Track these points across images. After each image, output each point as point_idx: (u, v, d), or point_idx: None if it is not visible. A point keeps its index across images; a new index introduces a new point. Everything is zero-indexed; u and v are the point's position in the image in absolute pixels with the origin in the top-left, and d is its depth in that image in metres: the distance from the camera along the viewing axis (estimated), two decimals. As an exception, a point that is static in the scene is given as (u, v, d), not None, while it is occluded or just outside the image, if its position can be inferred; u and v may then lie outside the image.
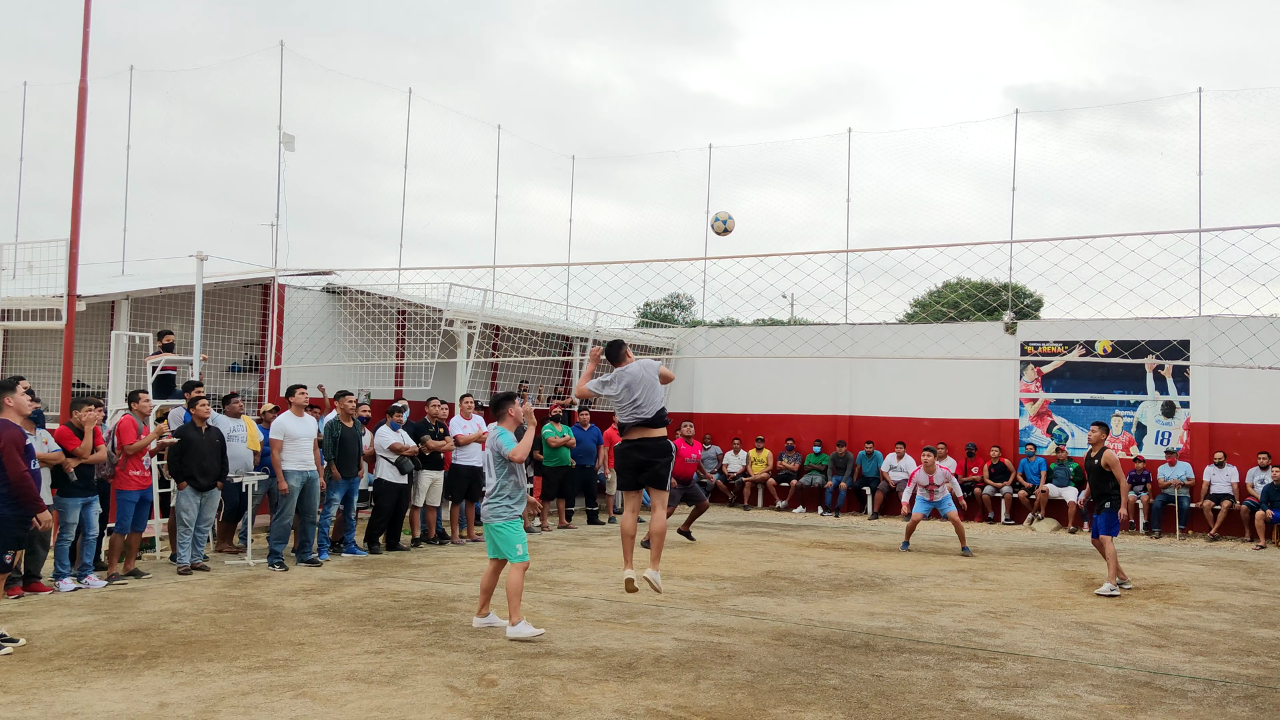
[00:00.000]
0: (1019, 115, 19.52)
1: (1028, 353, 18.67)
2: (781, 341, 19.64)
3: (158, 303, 14.78)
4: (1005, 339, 18.81)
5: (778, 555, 13.16)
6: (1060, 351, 18.43)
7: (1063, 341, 18.45)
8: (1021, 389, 18.81)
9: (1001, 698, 6.44)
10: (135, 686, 6.26)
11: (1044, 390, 18.64)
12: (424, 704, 5.99)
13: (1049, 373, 18.62)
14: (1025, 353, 18.66)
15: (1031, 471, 18.03)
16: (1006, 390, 18.85)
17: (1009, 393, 18.85)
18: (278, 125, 17.08)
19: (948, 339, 17.97)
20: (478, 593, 9.74)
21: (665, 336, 23.02)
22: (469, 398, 14.31)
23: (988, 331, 18.85)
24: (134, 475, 10.38)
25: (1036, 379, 18.71)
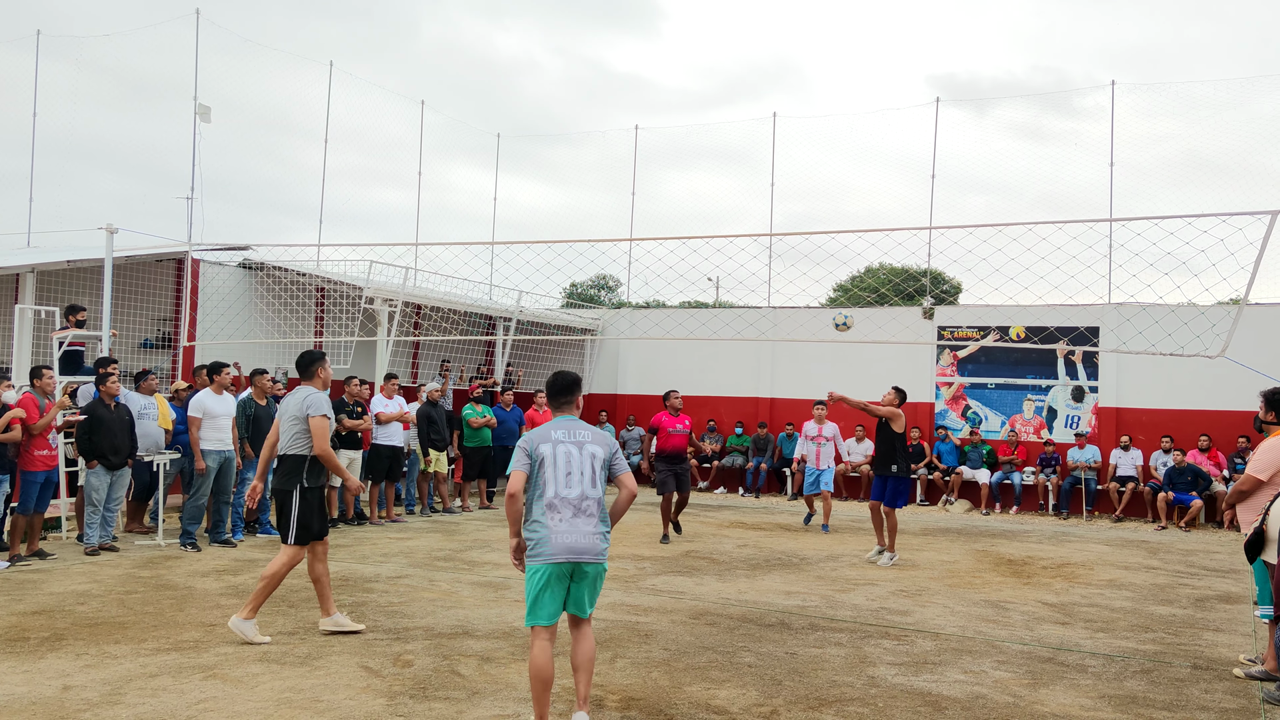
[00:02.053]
0: (940, 103, 19.85)
1: (944, 337, 19.05)
2: (704, 324, 19.76)
3: (65, 276, 14.31)
4: (923, 324, 19.16)
5: (697, 535, 13.28)
6: (975, 337, 18.84)
7: (978, 327, 18.86)
8: (938, 373, 19.19)
9: (911, 674, 6.59)
10: (38, 669, 6.10)
11: (960, 374, 19.05)
12: (338, 684, 5.94)
13: (964, 357, 19.03)
14: (942, 337, 19.04)
15: (946, 453, 18.42)
16: (924, 374, 19.22)
17: (926, 376, 19.22)
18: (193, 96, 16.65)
19: (866, 323, 18.27)
20: (394, 573, 9.68)
21: (590, 318, 23.00)
22: (394, 378, 14.15)
23: (905, 316, 19.19)
24: (39, 455, 10.07)
25: (952, 363, 19.11)
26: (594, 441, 5.22)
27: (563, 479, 5.07)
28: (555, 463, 5.09)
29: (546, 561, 5.01)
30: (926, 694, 6.14)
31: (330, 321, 16.91)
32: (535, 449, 5.11)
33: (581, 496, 5.09)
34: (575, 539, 5.02)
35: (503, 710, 5.54)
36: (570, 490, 5.07)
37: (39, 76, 18.86)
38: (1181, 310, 14.64)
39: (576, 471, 5.10)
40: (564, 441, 5.15)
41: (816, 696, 6.01)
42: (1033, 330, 18.03)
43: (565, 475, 5.08)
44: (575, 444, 5.16)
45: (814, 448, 14.64)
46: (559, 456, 5.09)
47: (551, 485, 5.07)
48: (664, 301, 23.80)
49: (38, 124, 18.89)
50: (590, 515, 5.10)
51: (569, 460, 5.10)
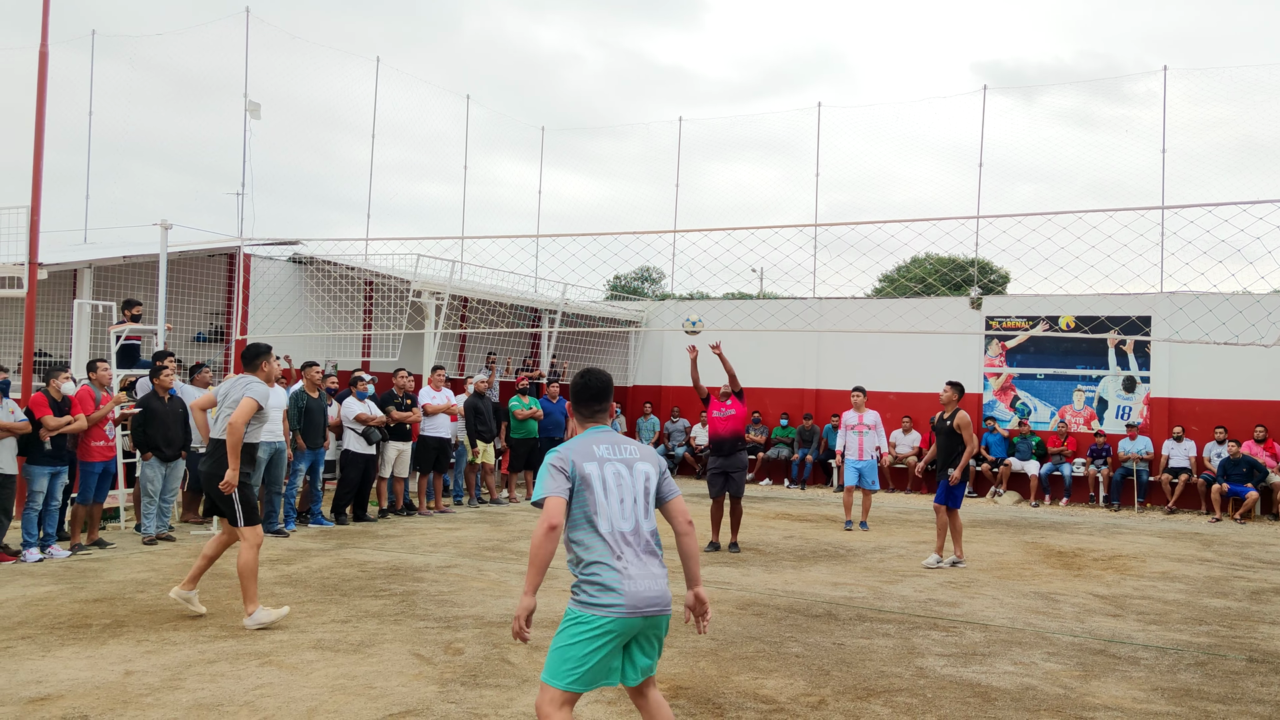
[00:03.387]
0: (987, 91, 19.64)
1: (992, 327, 18.86)
2: (749, 315, 19.72)
3: (121, 271, 14.61)
4: (970, 314, 19.00)
5: (744, 526, 13.26)
6: (1024, 326, 18.64)
7: (1027, 317, 18.65)
8: (986, 363, 19.01)
9: (959, 665, 6.57)
10: (100, 655, 6.26)
11: (1008, 364, 18.86)
12: (390, 671, 6.04)
13: (1013, 347, 18.84)
14: (990, 327, 18.86)
15: (994, 445, 18.26)
16: (971, 364, 19.05)
17: (974, 367, 19.05)
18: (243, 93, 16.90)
19: (913, 313, 18.14)
20: (443, 563, 9.80)
21: (634, 310, 23.04)
22: (441, 370, 14.30)
23: (953, 306, 19.02)
24: (97, 446, 10.30)
25: (1001, 353, 18.92)
26: (643, 459, 4.19)
27: (616, 508, 4.01)
28: (605, 486, 4.02)
29: (615, 615, 3.87)
30: (976, 685, 6.12)
31: (379, 314, 17.09)
32: (576, 467, 4.02)
33: (638, 529, 4.05)
34: (649, 585, 3.95)
35: (552, 698, 5.60)
36: (625, 522, 4.02)
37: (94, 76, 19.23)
38: (1236, 298, 14.39)
39: (630, 498, 4.05)
40: (611, 459, 4.10)
41: (864, 686, 6.02)
42: (1083, 319, 17.81)
43: (619, 503, 4.02)
44: (624, 462, 4.12)
45: (855, 438, 13.85)
46: (608, 478, 4.03)
47: (604, 517, 3.99)
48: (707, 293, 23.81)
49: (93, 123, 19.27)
50: (656, 555, 4.06)
51: (620, 483, 4.05)
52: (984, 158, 19.49)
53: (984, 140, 19.50)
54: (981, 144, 19.44)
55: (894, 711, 5.57)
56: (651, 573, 3.98)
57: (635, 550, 3.99)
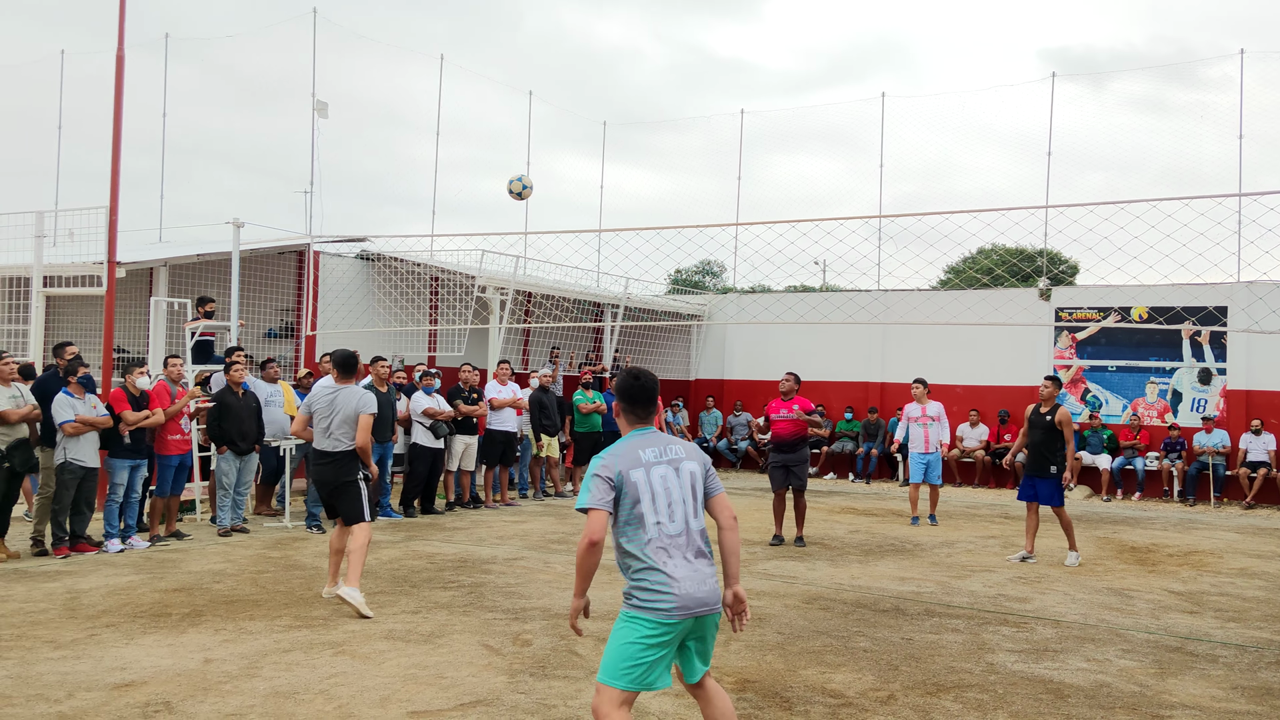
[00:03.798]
0: (1055, 78, 19.27)
1: (1062, 319, 18.52)
2: (814, 308, 19.57)
3: (195, 269, 14.95)
4: (1039, 305, 18.67)
5: (809, 521, 13.20)
6: (1095, 318, 18.28)
7: (1098, 308, 18.28)
8: (1055, 356, 18.68)
9: (1031, 661, 6.48)
10: (180, 643, 6.43)
11: (1078, 357, 18.51)
12: (460, 662, 6.12)
13: (1084, 339, 18.48)
14: (1059, 319, 18.52)
15: (1064, 439, 17.92)
16: (1040, 357, 18.72)
17: (1043, 360, 18.72)
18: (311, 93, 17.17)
19: (981, 305, 17.86)
20: (510, 555, 9.90)
21: (696, 303, 23.02)
22: (506, 364, 14.43)
23: (1022, 298, 18.71)
24: (173, 439, 10.55)
25: (1071, 346, 18.58)
26: (689, 458, 4.19)
27: (664, 511, 4.04)
28: (652, 491, 4.04)
29: (666, 618, 3.93)
30: (1048, 681, 6.03)
31: (444, 310, 17.28)
32: (623, 475, 4.04)
33: (686, 530, 4.06)
34: (697, 587, 3.99)
35: (620, 689, 5.63)
36: (673, 525, 4.04)
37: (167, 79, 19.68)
38: (1318, 288, 13.95)
39: (678, 500, 4.07)
40: (657, 463, 4.09)
41: (934, 682, 5.96)
42: (1156, 310, 17.40)
43: (666, 506, 4.05)
44: (670, 464, 4.11)
45: (919, 430, 13.49)
46: (654, 482, 4.06)
47: (652, 522, 4.02)
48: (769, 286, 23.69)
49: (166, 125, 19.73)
50: (705, 555, 4.09)
51: (667, 487, 4.07)
52: (1052, 146, 19.12)
53: (1053, 128, 19.15)
54: (1050, 132, 19.08)
55: (965, 707, 5.51)
56: (700, 573, 4.02)
57: (683, 552, 4.03)
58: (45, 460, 9.68)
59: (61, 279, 13.15)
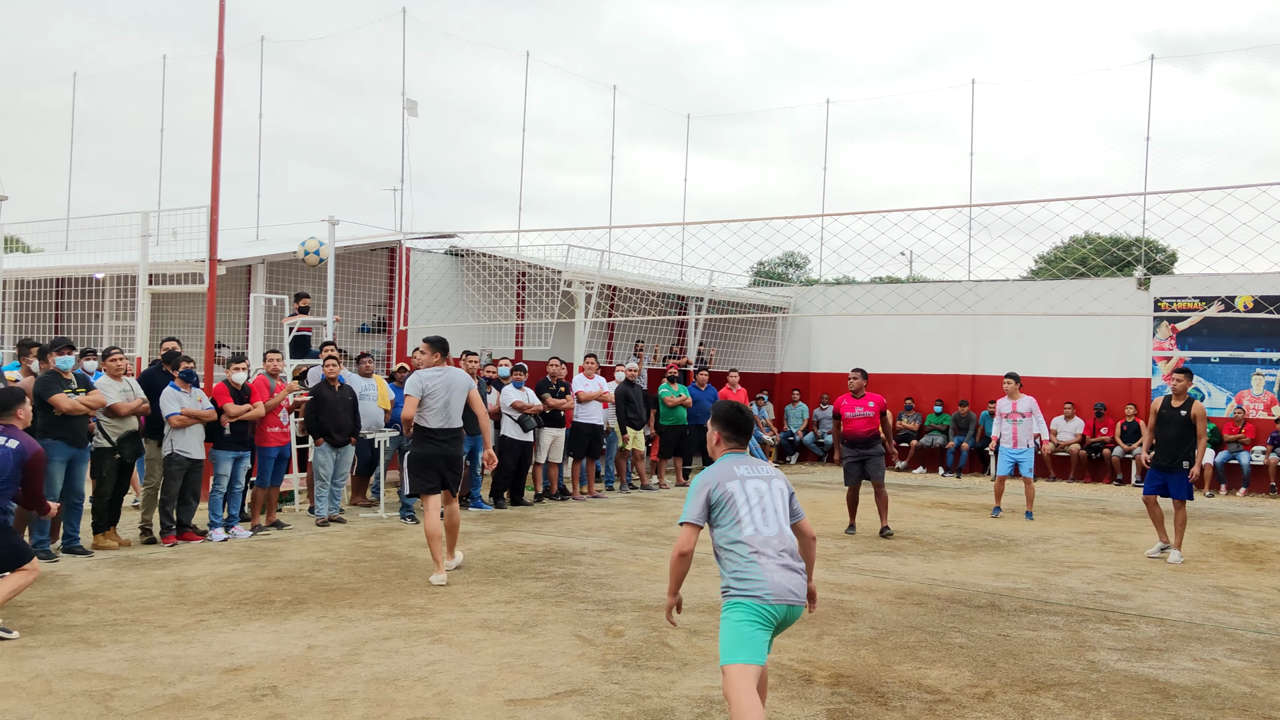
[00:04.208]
0: (1154, 61, 18.69)
1: (1161, 309, 17.98)
2: (905, 299, 19.30)
3: (291, 266, 15.33)
4: (1138, 295, 18.16)
5: (898, 515, 13.05)
6: (1197, 308, 17.70)
7: (1200, 297, 17.69)
8: (1155, 347, 18.15)
9: (1135, 660, 6.32)
10: (284, 630, 6.62)
11: (1179, 348, 17.95)
12: (554, 651, 6.19)
13: (1185, 330, 17.92)
14: (1159, 309, 17.98)
15: (1164, 432, 17.41)
16: (1139, 349, 18.21)
17: (1141, 351, 18.21)
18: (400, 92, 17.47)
19: (1079, 295, 17.40)
20: (599, 547, 9.98)
21: (781, 296, 22.88)
22: (592, 358, 14.53)
23: (1119, 288, 18.21)
24: (272, 432, 10.84)
25: (1171, 337, 18.03)
26: (778, 477, 4.61)
27: (759, 515, 4.41)
28: (748, 499, 4.44)
29: (762, 603, 4.27)
30: (1153, 680, 5.88)
31: (531, 304, 17.46)
32: (721, 488, 4.44)
33: (780, 534, 4.41)
34: (789, 578, 4.33)
35: (713, 682, 5.64)
36: (768, 528, 4.40)
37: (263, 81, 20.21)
38: None
39: (771, 508, 4.45)
40: (751, 477, 4.52)
41: (1033, 679, 5.85)
42: (1264, 299, 16.77)
43: (761, 513, 4.41)
44: (763, 479, 4.53)
45: (1009, 426, 13.26)
46: (750, 493, 4.46)
47: (748, 523, 4.38)
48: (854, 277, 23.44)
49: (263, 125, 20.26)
50: (794, 555, 4.44)
51: (760, 496, 4.46)
52: (1150, 131, 18.57)
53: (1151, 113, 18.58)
54: (1149, 117, 18.52)
55: (1066, 705, 5.40)
56: (790, 569, 4.37)
57: (776, 550, 4.37)
58: (152, 452, 10.04)
59: (165, 277, 13.60)
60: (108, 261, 14.24)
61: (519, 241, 18.04)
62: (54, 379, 8.87)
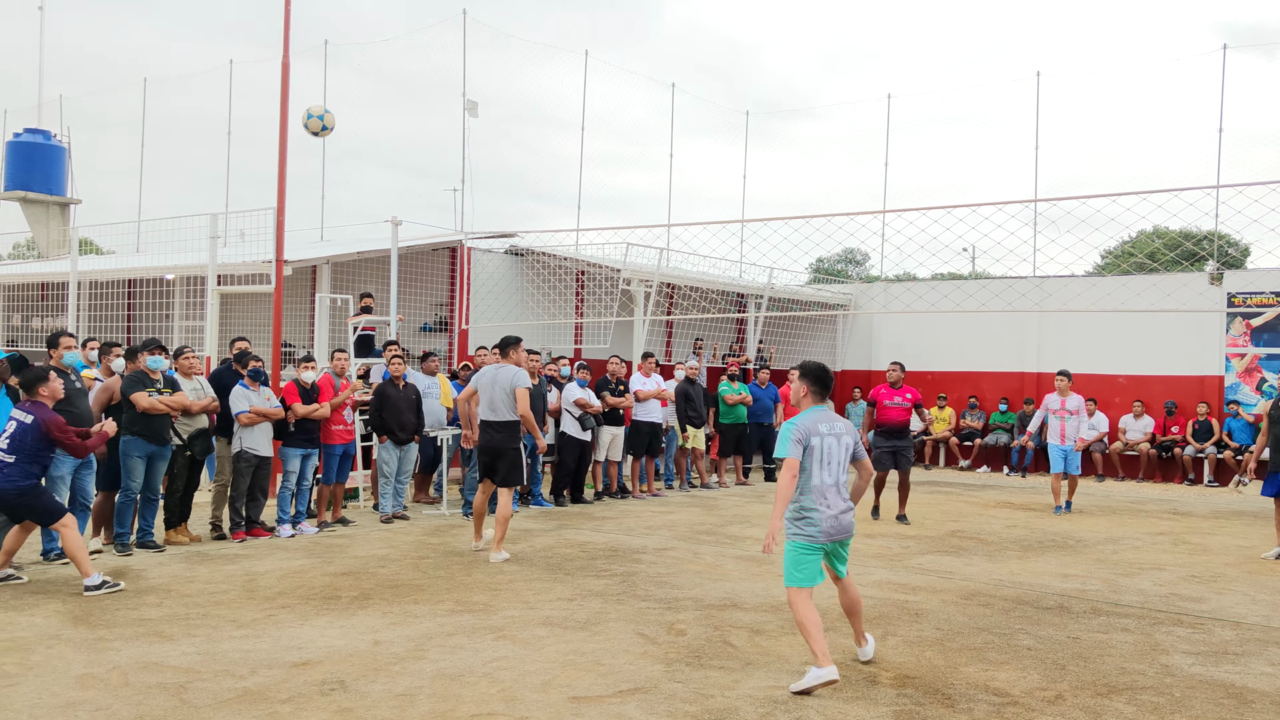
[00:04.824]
0: (1226, 50, 18.22)
1: (1235, 304, 17.53)
2: (969, 295, 19.01)
3: (354, 266, 15.54)
4: (1210, 290, 17.73)
5: (962, 515, 12.89)
6: (1272, 303, 17.21)
7: (1276, 292, 17.20)
8: (1228, 343, 17.69)
9: (1210, 664, 6.16)
10: (351, 625, 6.71)
11: (1253, 344, 17.48)
12: (617, 649, 6.20)
13: (1259, 326, 17.44)
14: (1232, 304, 17.53)
15: (1238, 430, 16.98)
16: (1211, 345, 17.77)
17: (1213, 348, 17.76)
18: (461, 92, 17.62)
19: (1150, 290, 17.01)
20: (659, 545, 9.98)
21: (842, 293, 22.69)
22: (651, 356, 14.52)
23: (1191, 283, 17.77)
24: (337, 429, 10.99)
25: (1245, 332, 17.56)
26: (846, 433, 5.96)
27: (826, 469, 5.78)
28: (823, 454, 5.77)
29: (815, 542, 5.73)
30: (1230, 685, 5.73)
31: (591, 302, 17.51)
32: (809, 437, 5.75)
33: (838, 483, 5.83)
34: (840, 519, 5.80)
35: (777, 682, 5.62)
36: (830, 477, 5.78)
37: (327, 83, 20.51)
38: None
39: (835, 462, 5.82)
40: (827, 435, 5.82)
41: (1105, 683, 5.74)
42: (1342, 295, 16.29)
43: (828, 465, 5.78)
44: (834, 436, 5.86)
45: (1056, 422, 13.28)
46: (824, 449, 5.78)
47: (819, 474, 5.75)
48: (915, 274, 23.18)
49: (326, 128, 20.53)
50: (846, 499, 5.89)
51: (829, 452, 5.80)
52: (1223, 122, 18.10)
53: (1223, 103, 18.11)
54: (1221, 107, 18.06)
55: (1139, 710, 5.29)
56: (842, 509, 5.84)
57: (835, 495, 5.82)
58: (221, 449, 10.24)
59: (233, 277, 13.86)
60: (178, 263, 14.55)
61: (578, 240, 18.10)
62: (140, 378, 9.12)
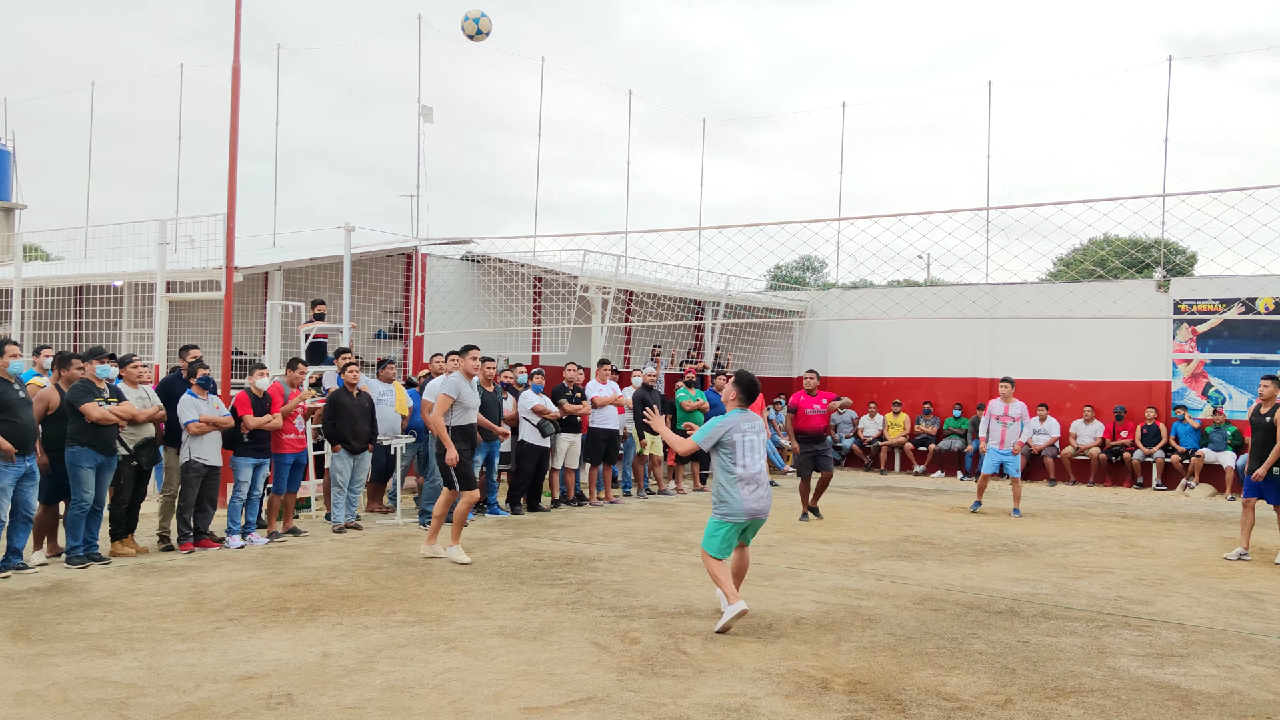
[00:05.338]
0: (1172, 61, 18.56)
1: (1181, 311, 17.84)
2: (921, 303, 19.20)
3: (307, 273, 15.39)
4: (1157, 297, 18.03)
5: (916, 520, 12.99)
6: (1218, 310, 17.55)
7: (1220, 299, 17.55)
8: (1175, 349, 18.00)
9: (1156, 666, 6.25)
10: (300, 637, 6.62)
11: (1199, 350, 17.80)
12: (570, 659, 6.17)
13: (1205, 332, 17.77)
14: (1179, 311, 17.84)
15: (1185, 435, 17.28)
16: (1158, 351, 18.07)
17: (1161, 354, 18.07)
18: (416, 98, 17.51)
19: (1098, 298, 17.29)
20: (615, 553, 9.98)
21: (798, 300, 22.81)
22: (607, 363, 14.50)
23: (1138, 290, 18.08)
24: (287, 438, 10.84)
25: (1191, 339, 17.88)
26: (762, 431, 7.25)
27: (750, 459, 7.05)
28: (745, 447, 7.04)
29: (735, 520, 7.04)
30: (1175, 687, 5.81)
31: (548, 310, 17.46)
32: (730, 434, 7.04)
33: (759, 471, 7.06)
34: (758, 503, 7.07)
35: (730, 689, 5.61)
36: (754, 468, 7.05)
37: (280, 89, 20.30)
38: None
39: (757, 455, 7.08)
40: (748, 432, 7.08)
41: (1053, 686, 5.79)
42: (1284, 301, 16.63)
43: (751, 457, 7.06)
44: (756, 433, 7.13)
45: (999, 427, 13.77)
46: (746, 444, 7.05)
47: (742, 464, 7.01)
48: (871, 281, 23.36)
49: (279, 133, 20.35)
50: (765, 485, 7.15)
51: (752, 446, 7.07)
52: (1169, 132, 18.43)
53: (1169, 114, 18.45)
54: (1167, 118, 18.39)
55: (1086, 713, 5.34)
56: (761, 495, 7.09)
57: (756, 483, 7.06)
58: (169, 459, 10.08)
59: (183, 284, 13.66)
60: (126, 269, 14.33)
61: (535, 247, 18.06)
62: (88, 387, 8.94)
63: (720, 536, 7.03)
